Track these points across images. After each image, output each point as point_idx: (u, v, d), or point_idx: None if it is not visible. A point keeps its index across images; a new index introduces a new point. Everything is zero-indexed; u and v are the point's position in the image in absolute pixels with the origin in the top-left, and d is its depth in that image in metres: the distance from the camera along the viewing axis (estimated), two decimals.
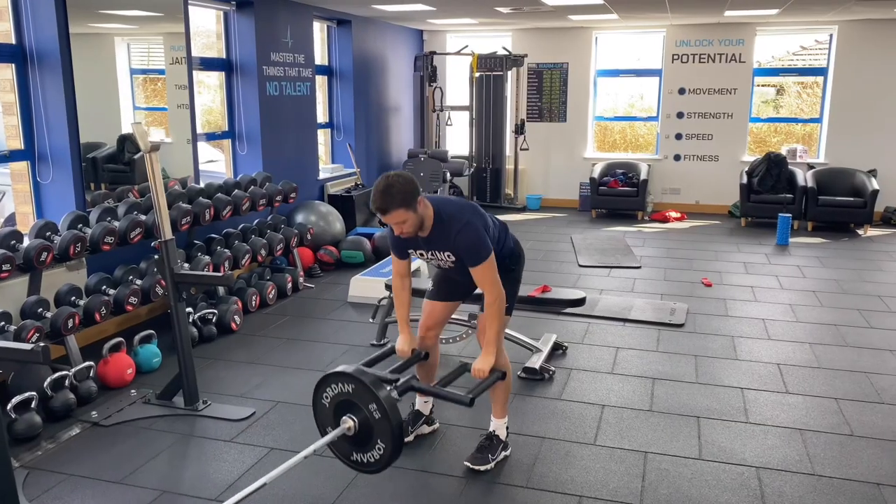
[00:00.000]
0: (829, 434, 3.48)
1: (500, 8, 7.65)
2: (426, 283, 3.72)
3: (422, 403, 3.47)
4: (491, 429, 3.25)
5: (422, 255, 3.06)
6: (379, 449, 2.64)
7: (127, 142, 5.59)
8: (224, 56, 6.40)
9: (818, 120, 9.46)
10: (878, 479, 3.07)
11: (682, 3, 7.31)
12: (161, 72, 6.11)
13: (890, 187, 8.66)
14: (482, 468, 3.13)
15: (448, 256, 2.98)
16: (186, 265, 4.84)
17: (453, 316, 4.22)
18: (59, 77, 4.41)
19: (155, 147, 3.50)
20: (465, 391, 2.81)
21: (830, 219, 8.43)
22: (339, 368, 2.67)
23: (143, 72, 6.18)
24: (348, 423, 2.65)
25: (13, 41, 4.37)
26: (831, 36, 9.02)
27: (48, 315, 3.88)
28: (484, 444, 3.21)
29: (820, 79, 9.44)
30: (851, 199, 8.36)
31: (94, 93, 5.29)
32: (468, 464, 3.14)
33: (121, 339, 4.12)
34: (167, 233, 3.61)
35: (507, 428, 3.28)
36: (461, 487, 3.03)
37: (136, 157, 5.70)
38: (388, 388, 2.70)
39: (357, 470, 2.77)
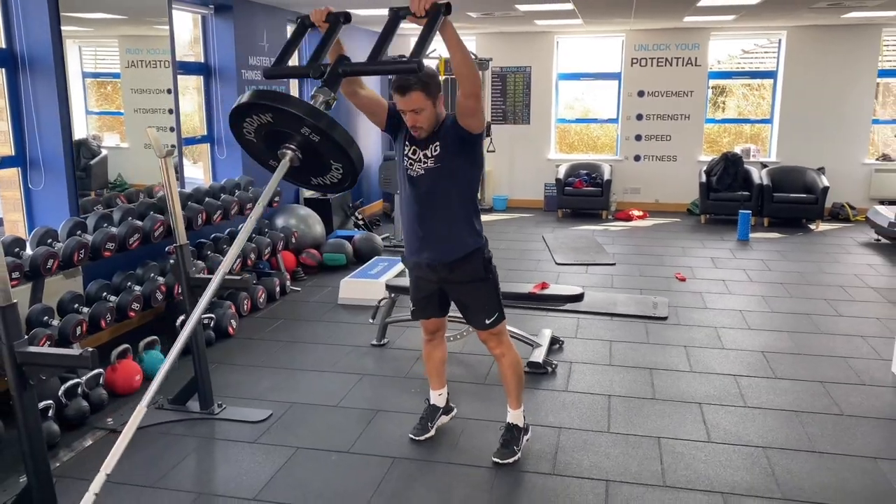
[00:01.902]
0: (822, 415, 3.72)
1: (472, 13, 7.80)
2: None
3: (436, 397, 3.55)
4: (509, 420, 3.35)
5: (407, 158, 2.93)
6: (337, 169, 2.23)
7: (82, 147, 5.48)
8: (203, 60, 6.35)
9: (769, 121, 9.92)
10: (873, 454, 3.31)
11: (645, 10, 7.59)
12: (116, 75, 5.97)
13: (837, 184, 9.14)
14: (511, 460, 3.22)
15: (434, 150, 2.87)
16: (204, 269, 4.81)
17: (452, 313, 4.34)
18: (52, 81, 4.34)
19: (169, 153, 3.50)
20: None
21: (785, 215, 8.86)
22: (244, 98, 2.14)
23: (95, 75, 6.03)
24: (288, 154, 2.17)
25: (3, 45, 4.29)
26: (780, 40, 9.48)
27: (55, 323, 3.82)
28: (506, 438, 3.30)
29: (769, 81, 9.89)
30: (804, 195, 8.80)
31: None
32: (496, 459, 3.22)
33: (127, 345, 4.08)
34: (182, 237, 3.61)
35: (524, 415, 3.38)
36: (492, 477, 3.14)
37: (91, 162, 5.58)
38: (319, 98, 2.19)
39: (327, 191, 2.44)
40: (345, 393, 4.01)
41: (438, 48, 9.76)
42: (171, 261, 3.71)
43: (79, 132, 5.52)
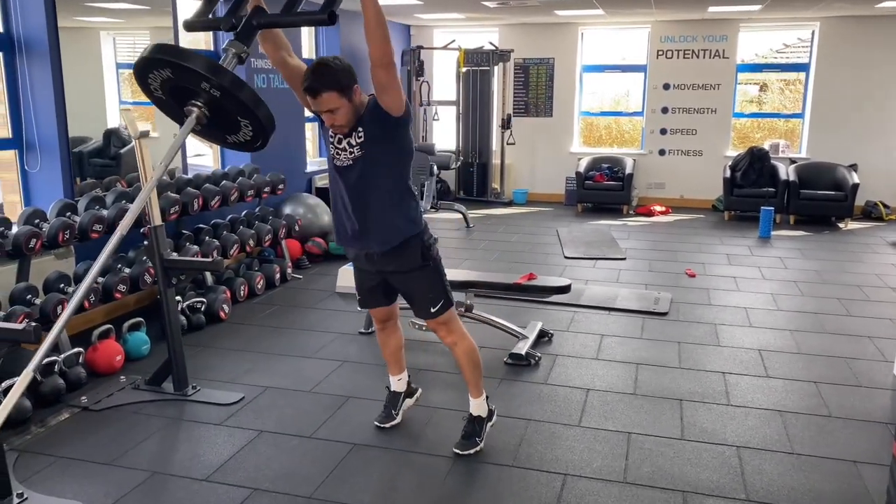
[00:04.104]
0: (807, 415, 3.56)
1: (487, 3, 7.71)
2: None
3: (396, 382, 3.47)
4: (470, 410, 3.25)
5: (333, 146, 2.83)
6: (246, 125, 2.18)
7: (113, 136, 5.60)
8: (212, 48, 6.41)
9: (800, 115, 9.59)
10: (854, 458, 3.15)
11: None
12: None
13: (870, 181, 8.79)
14: (472, 451, 3.16)
15: (358, 137, 2.74)
16: (175, 254, 4.86)
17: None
18: (47, 65, 4.42)
19: (144, 134, 3.52)
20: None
21: (812, 212, 8.56)
22: (145, 52, 2.04)
23: (130, 66, 6.17)
24: (194, 111, 2.10)
25: (1, 29, 4.38)
26: (813, 32, 9.14)
27: (37, 302, 3.89)
28: (468, 430, 3.22)
29: (802, 75, 9.56)
30: (832, 192, 8.48)
31: (81, 87, 5.30)
32: (457, 451, 3.16)
33: (110, 326, 4.14)
34: (156, 219, 3.64)
35: (488, 398, 3.28)
36: (448, 467, 3.08)
37: (122, 151, 5.71)
38: (231, 52, 2.09)
39: (245, 149, 2.39)
40: (321, 379, 3.99)
41: (457, 40, 9.71)
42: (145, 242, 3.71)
43: (111, 122, 5.66)
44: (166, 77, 2.06)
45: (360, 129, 2.76)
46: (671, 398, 3.75)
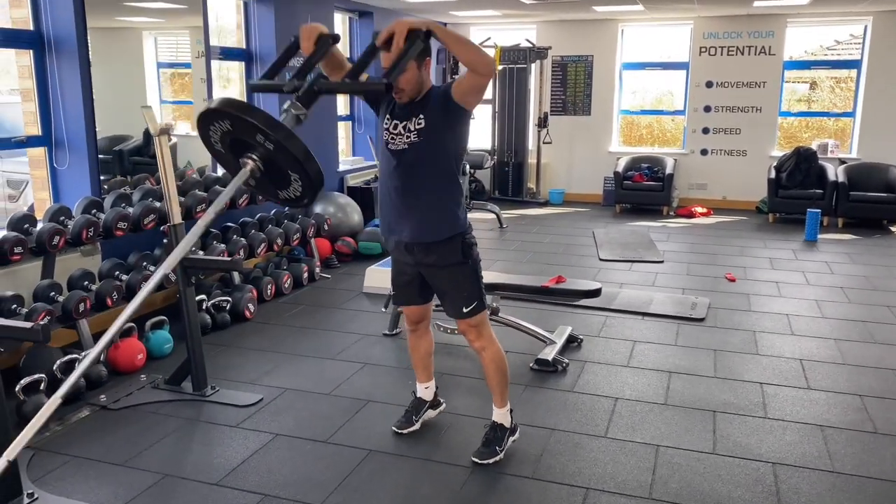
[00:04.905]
0: (851, 431, 3.35)
1: None
2: None
3: (423, 390, 3.39)
4: (494, 419, 3.16)
5: (387, 132, 2.82)
6: (296, 180, 2.20)
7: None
8: (244, 46, 6.40)
9: (851, 114, 9.21)
10: None
11: None
12: (188, 66, 6.13)
13: None
14: (490, 461, 3.04)
15: (418, 123, 2.75)
16: (201, 252, 4.84)
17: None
18: (75, 63, 4.42)
19: (164, 130, 3.49)
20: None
21: (862, 215, 8.20)
22: (212, 104, 2.14)
23: (171, 65, 6.21)
24: (249, 164, 2.17)
25: (31, 27, 4.40)
26: (865, 27, 8.77)
27: (60, 299, 3.89)
28: (489, 437, 3.12)
29: (853, 72, 9.18)
30: (884, 194, 8.12)
31: (122, 86, 5.32)
32: (475, 459, 3.05)
33: (132, 324, 4.12)
34: (176, 217, 3.60)
35: (512, 412, 3.18)
36: (465, 477, 2.97)
37: None
38: (290, 112, 2.18)
39: (295, 206, 2.37)
40: (341, 381, 3.91)
41: (494, 37, 9.58)
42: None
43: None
44: (226, 129, 2.15)
45: (421, 115, 2.76)
46: (704, 409, 3.57)
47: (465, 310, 2.97)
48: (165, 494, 2.83)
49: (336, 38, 2.46)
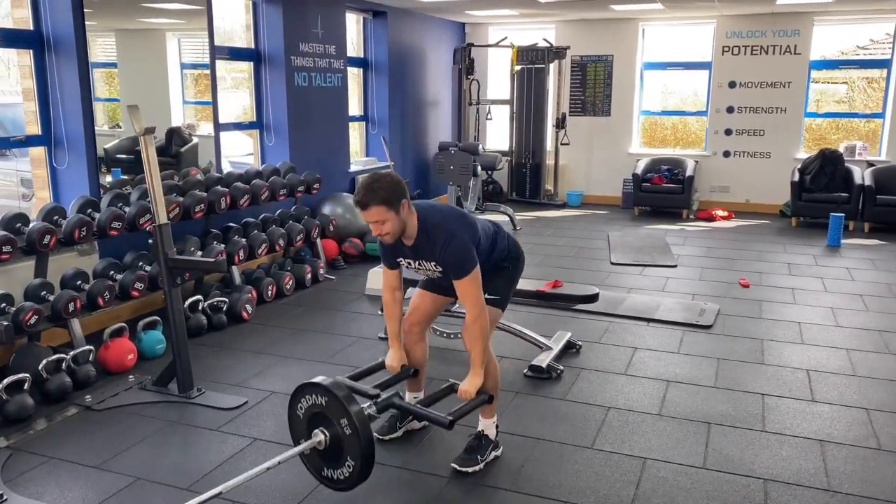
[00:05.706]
0: (852, 447, 3.18)
1: None
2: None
3: (411, 398, 3.32)
4: (479, 428, 3.08)
5: (409, 264, 2.94)
6: (349, 466, 2.57)
7: (174, 135, 5.68)
8: (252, 46, 6.39)
9: (881, 115, 8.91)
10: None
11: None
12: (208, 66, 6.12)
13: None
14: (470, 470, 2.97)
15: (435, 267, 2.87)
16: (199, 252, 4.83)
17: (457, 310, 4.09)
18: (73, 63, 4.43)
19: (149, 130, 3.45)
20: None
21: (889, 220, 7.91)
22: (317, 379, 2.59)
23: (194, 66, 6.21)
24: (319, 437, 2.58)
25: (31, 27, 4.42)
26: None
27: (51, 298, 3.89)
28: (472, 445, 3.05)
29: (884, 71, 8.88)
30: None
31: (145, 87, 5.34)
32: (455, 465, 2.98)
33: (123, 324, 4.11)
34: (162, 217, 3.56)
35: (497, 427, 3.11)
36: (442, 486, 2.88)
37: (182, 149, 5.76)
38: (367, 403, 2.65)
39: (328, 486, 2.70)
40: None
41: (513, 37, 9.46)
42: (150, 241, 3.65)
43: (175, 121, 5.73)
44: (319, 402, 2.59)
45: (433, 262, 2.85)
46: (699, 421, 3.43)
47: (487, 296, 2.93)
48: (134, 498, 2.79)
49: (416, 374, 3.19)
